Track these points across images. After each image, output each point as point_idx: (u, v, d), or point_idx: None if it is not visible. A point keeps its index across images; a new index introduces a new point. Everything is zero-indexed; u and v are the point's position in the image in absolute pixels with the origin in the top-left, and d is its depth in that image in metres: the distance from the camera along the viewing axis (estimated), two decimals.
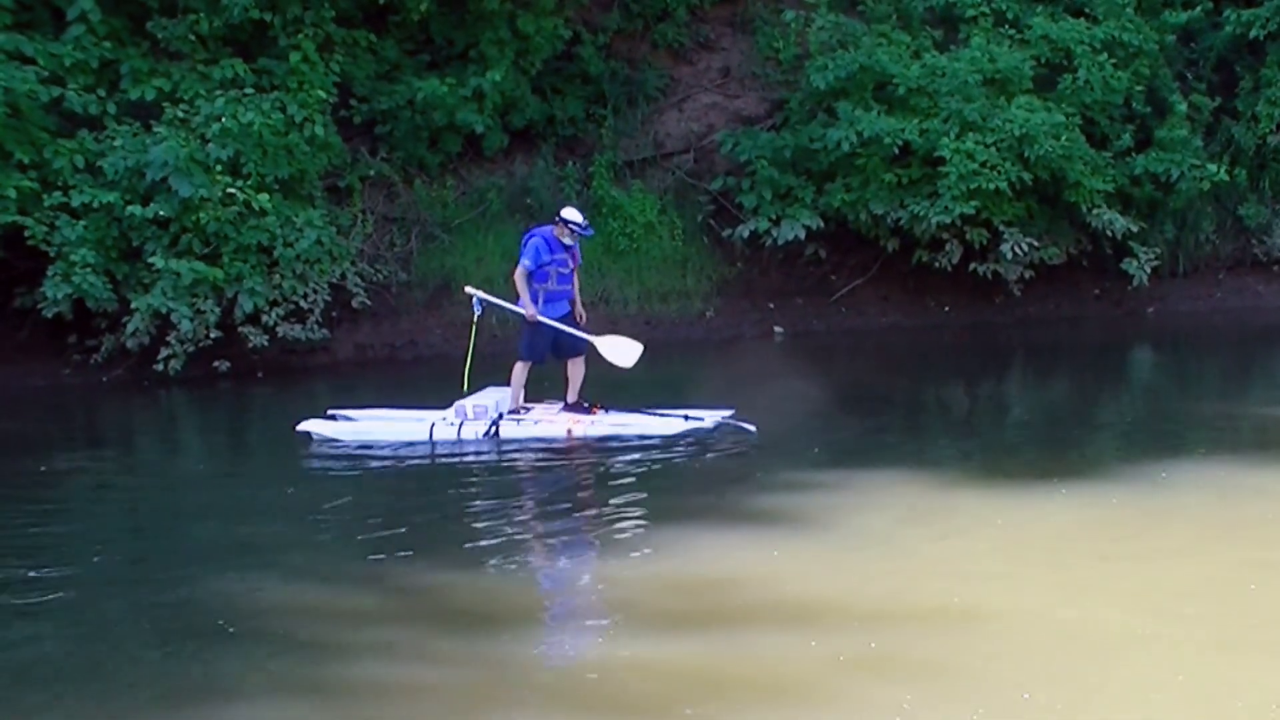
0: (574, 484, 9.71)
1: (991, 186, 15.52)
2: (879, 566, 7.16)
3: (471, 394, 10.87)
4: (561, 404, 10.89)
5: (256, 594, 7.06)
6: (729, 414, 10.63)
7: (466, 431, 10.54)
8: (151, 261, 13.19)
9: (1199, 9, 17.78)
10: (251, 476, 10.27)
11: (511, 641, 6.26)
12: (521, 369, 10.83)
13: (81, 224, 13.08)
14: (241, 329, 13.79)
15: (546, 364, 11.04)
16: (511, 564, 7.55)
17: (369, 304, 15.04)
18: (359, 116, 15.74)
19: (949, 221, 15.76)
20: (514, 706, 5.58)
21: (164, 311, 13.22)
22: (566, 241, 10.67)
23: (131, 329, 13.32)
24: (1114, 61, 16.70)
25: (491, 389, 11.02)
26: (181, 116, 13.63)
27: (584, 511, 8.71)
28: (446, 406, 10.77)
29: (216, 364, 13.84)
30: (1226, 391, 13.28)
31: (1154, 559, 7.20)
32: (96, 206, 13.11)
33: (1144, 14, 17.49)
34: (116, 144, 13.35)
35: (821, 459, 9.80)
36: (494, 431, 10.50)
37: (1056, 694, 5.42)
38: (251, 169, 13.73)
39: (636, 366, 10.88)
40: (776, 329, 16.67)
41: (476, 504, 8.87)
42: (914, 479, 9.04)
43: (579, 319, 10.88)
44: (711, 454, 10.01)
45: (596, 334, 10.96)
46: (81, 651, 6.29)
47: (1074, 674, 5.61)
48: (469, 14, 16.01)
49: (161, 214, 13.21)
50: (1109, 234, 16.53)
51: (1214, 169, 16.80)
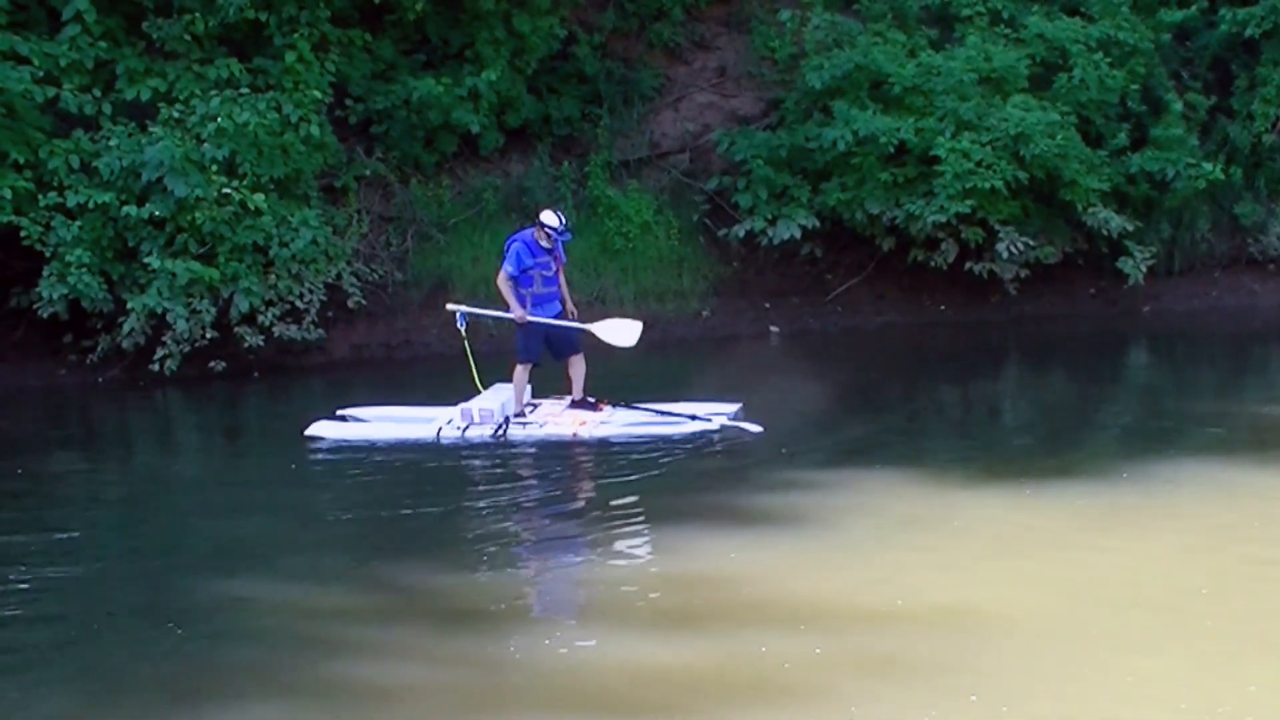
0: (574, 485, 9.72)
1: (987, 185, 15.51)
2: (877, 566, 7.16)
3: (478, 393, 10.90)
4: (568, 400, 10.90)
5: (254, 594, 7.06)
6: (735, 410, 10.62)
7: (472, 435, 10.54)
8: (147, 261, 13.18)
9: (1194, 8, 17.75)
10: (248, 476, 10.26)
11: (511, 642, 6.26)
12: (522, 371, 10.86)
13: (77, 224, 13.07)
14: (237, 329, 13.77)
15: (546, 365, 11.03)
16: (511, 565, 7.55)
17: (365, 304, 15.03)
18: (354, 116, 15.72)
19: (945, 220, 15.75)
20: (513, 707, 5.58)
21: (159, 311, 13.21)
22: (545, 244, 10.69)
23: (127, 329, 13.31)
24: (1109, 60, 16.69)
25: (497, 387, 11.02)
26: (177, 116, 13.61)
27: (584, 512, 8.72)
28: (453, 404, 10.77)
29: (212, 364, 13.82)
30: (1222, 390, 13.29)
31: (1153, 559, 7.20)
32: (92, 206, 13.10)
33: (1139, 13, 17.47)
34: (112, 144, 13.34)
35: (818, 458, 9.81)
36: (501, 435, 10.50)
37: (1056, 694, 5.42)
38: (247, 169, 13.71)
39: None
40: (772, 328, 16.66)
41: (476, 505, 8.88)
42: (911, 478, 9.04)
43: (570, 315, 10.90)
44: (709, 454, 10.01)
45: (591, 323, 11.00)
46: (78, 653, 6.28)
47: (1074, 674, 5.61)
48: (464, 13, 16.00)
49: (157, 214, 13.19)
50: (1104, 233, 16.52)
51: (1209, 168, 16.78)
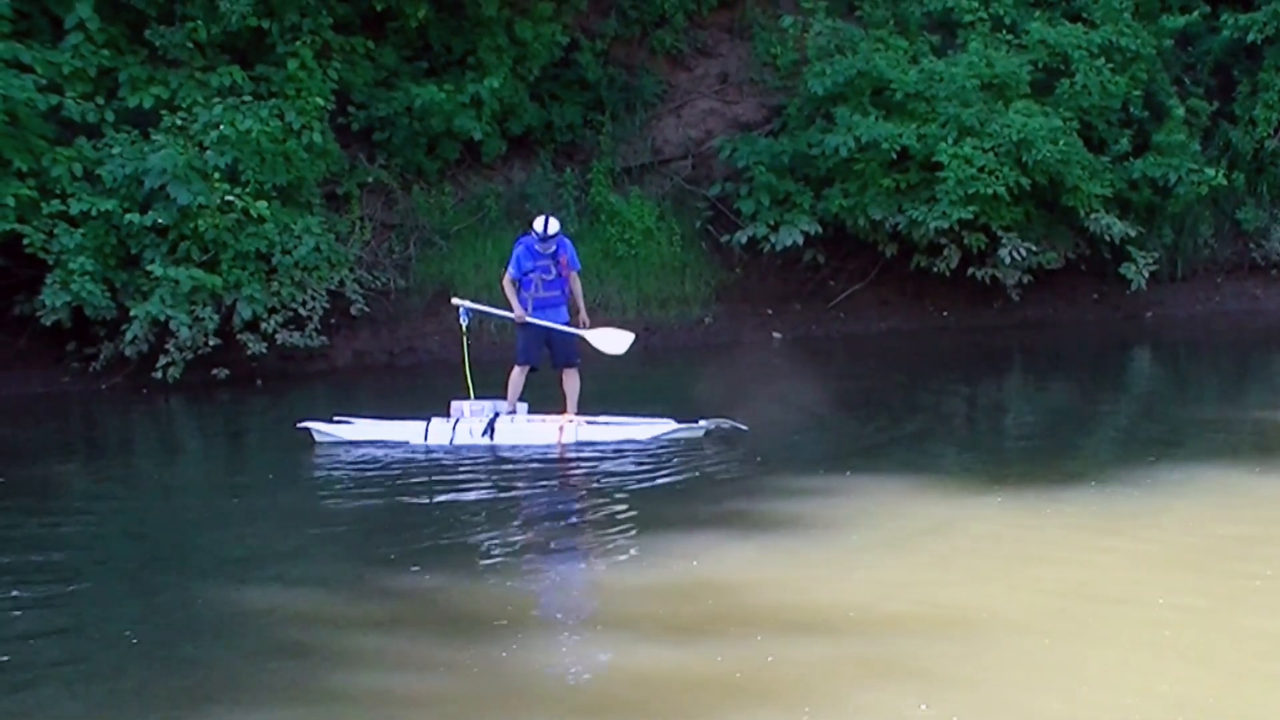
0: (572, 491, 9.70)
1: (989, 191, 15.53)
2: (882, 573, 7.15)
3: (472, 400, 10.93)
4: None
5: (256, 601, 7.06)
6: (725, 421, 10.62)
7: (461, 431, 10.59)
8: (150, 269, 13.20)
9: (1196, 13, 17.80)
10: (250, 483, 10.26)
11: (510, 649, 6.25)
12: (519, 373, 10.91)
13: (80, 232, 13.09)
14: (240, 336, 13.79)
15: (545, 376, 11.03)
16: (508, 571, 7.54)
17: (367, 311, 15.05)
18: (357, 123, 15.75)
19: (947, 226, 15.77)
20: (512, 714, 5.57)
21: (162, 319, 13.22)
22: (540, 249, 10.72)
23: (130, 336, 13.32)
24: (1111, 66, 16.72)
25: (492, 402, 11.07)
26: (180, 124, 13.64)
27: (582, 519, 8.70)
28: (446, 416, 10.81)
29: (215, 371, 13.84)
30: (1226, 395, 13.28)
31: (1155, 564, 7.19)
32: (95, 214, 13.12)
33: (1141, 18, 17.50)
34: (115, 152, 13.36)
35: (820, 465, 9.79)
36: (490, 432, 10.55)
37: (1061, 699, 5.42)
38: (250, 176, 13.73)
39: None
40: (775, 334, 16.66)
41: (473, 512, 8.86)
42: (915, 485, 9.03)
43: (582, 325, 10.93)
44: (709, 460, 10.00)
45: (587, 330, 11.04)
46: (81, 660, 6.28)
47: (1074, 679, 5.60)
48: (467, 21, 16.03)
49: (160, 221, 13.22)
50: (1107, 238, 16.54)
51: (1212, 173, 16.79)
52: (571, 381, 10.88)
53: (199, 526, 8.83)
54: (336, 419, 10.99)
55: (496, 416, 10.70)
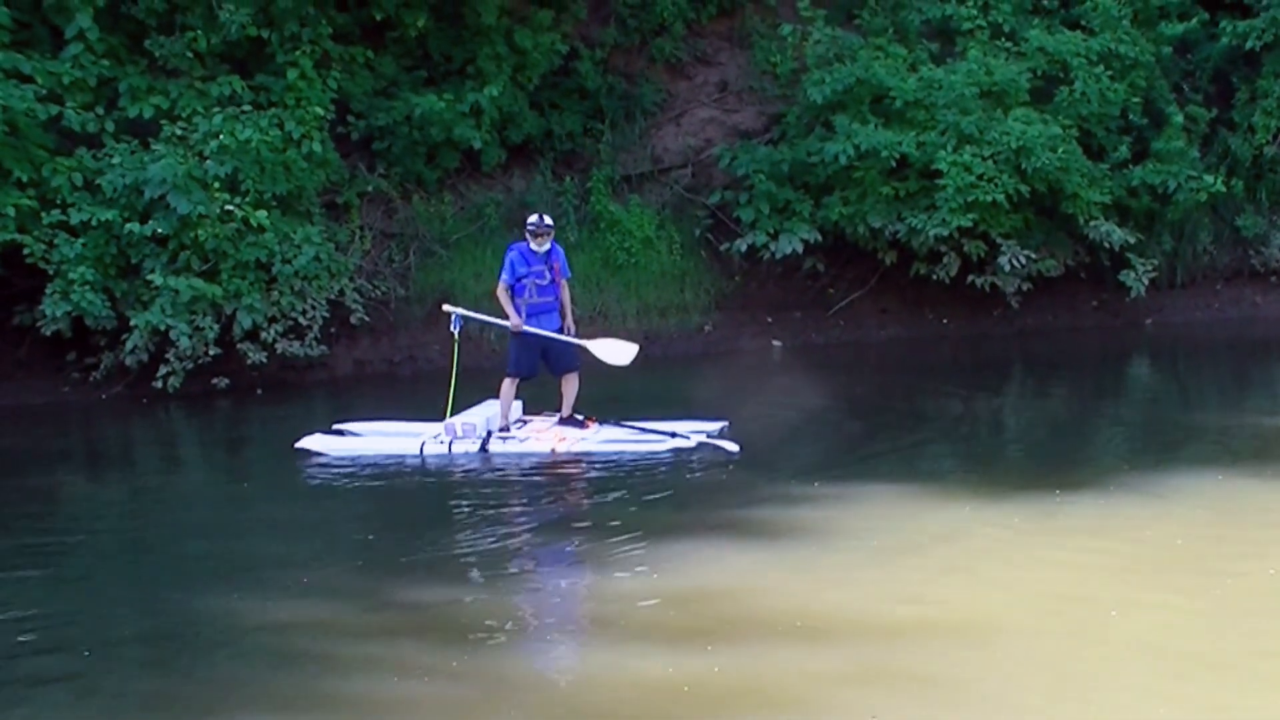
0: (568, 500, 9.71)
1: (989, 199, 15.53)
2: (881, 580, 7.15)
3: (465, 410, 10.91)
4: (556, 418, 10.92)
5: (254, 610, 7.06)
6: (719, 428, 10.59)
7: (457, 449, 10.57)
8: (150, 279, 13.20)
9: (1195, 20, 17.80)
10: (249, 493, 10.26)
11: (507, 657, 6.26)
12: (510, 385, 10.86)
13: (80, 241, 13.10)
14: (240, 346, 13.79)
15: (542, 379, 11.03)
16: (505, 579, 7.54)
17: (367, 320, 15.05)
18: (357, 133, 15.76)
19: (946, 234, 15.77)
20: None
21: (163, 328, 13.22)
22: (536, 248, 10.71)
23: (130, 346, 13.32)
24: (1110, 73, 16.73)
25: (488, 403, 11.05)
26: (179, 134, 13.65)
27: (578, 527, 8.69)
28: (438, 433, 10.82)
29: (215, 381, 13.84)
30: (1225, 402, 13.28)
31: (1154, 569, 7.19)
32: (95, 224, 13.13)
33: (1140, 26, 17.51)
34: (115, 161, 13.38)
35: (818, 472, 9.78)
36: (484, 449, 10.53)
37: (1055, 707, 5.41)
38: (249, 186, 13.75)
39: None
40: (775, 342, 16.66)
41: (469, 521, 8.86)
42: (912, 493, 9.04)
43: (568, 331, 10.91)
44: (707, 468, 10.00)
45: (588, 340, 11.03)
46: (81, 668, 6.28)
47: (1070, 686, 5.60)
48: (466, 30, 16.05)
49: (160, 231, 13.22)
50: (1106, 245, 16.54)
51: (1211, 180, 16.79)
52: (570, 385, 10.88)
53: (198, 536, 8.83)
54: (336, 427, 11.01)
55: (489, 436, 10.67)
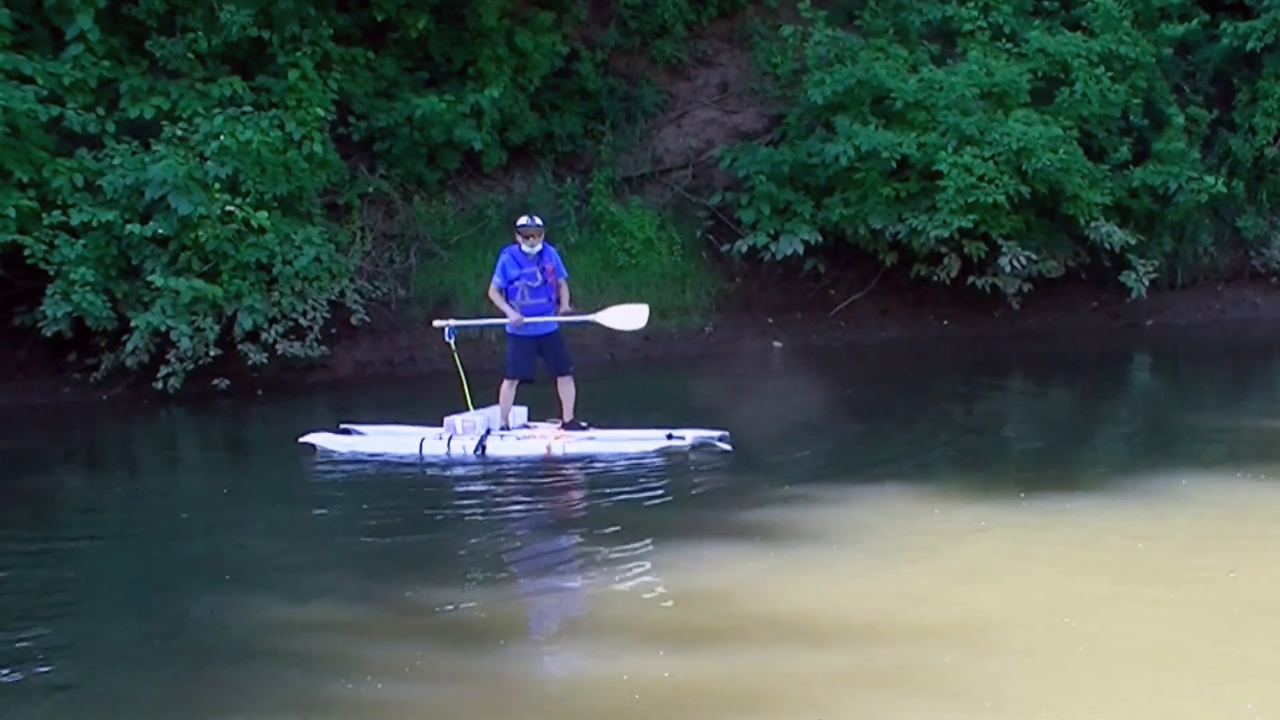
0: (569, 501, 9.70)
1: (989, 200, 15.54)
2: (881, 582, 7.14)
3: (481, 408, 10.93)
4: (559, 425, 10.93)
5: (257, 612, 7.06)
6: (719, 435, 10.55)
7: (455, 447, 10.57)
8: (151, 280, 13.20)
9: (1196, 21, 17.81)
10: (250, 494, 10.26)
11: (506, 658, 6.25)
12: (509, 386, 10.87)
13: (81, 242, 13.11)
14: (241, 346, 13.79)
15: (543, 389, 11.02)
16: (507, 582, 7.54)
17: (368, 321, 15.06)
18: (357, 134, 15.77)
19: (947, 235, 15.77)
20: None
21: (163, 329, 13.22)
22: (527, 250, 10.72)
23: (131, 347, 13.33)
24: (1111, 74, 16.73)
25: (495, 407, 11.05)
26: (180, 135, 13.66)
27: (582, 529, 8.69)
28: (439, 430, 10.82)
29: (216, 382, 13.84)
30: (1226, 403, 13.27)
31: (1154, 570, 7.18)
32: (96, 225, 13.13)
33: (1141, 27, 17.52)
34: (115, 162, 13.39)
35: (819, 474, 9.78)
36: (481, 448, 10.53)
37: (1059, 708, 5.41)
38: (250, 187, 13.75)
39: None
40: (776, 344, 16.67)
41: (471, 522, 8.86)
42: (913, 494, 9.02)
43: (572, 312, 10.94)
44: (707, 469, 9.99)
45: (595, 312, 11.06)
46: (85, 672, 6.28)
47: (1074, 687, 5.60)
48: (467, 31, 16.06)
49: (160, 232, 13.23)
50: (1107, 247, 16.55)
51: (1211, 181, 16.80)
52: (567, 389, 10.87)
53: (199, 536, 8.83)
54: (343, 427, 11.03)
55: (488, 434, 10.69)
